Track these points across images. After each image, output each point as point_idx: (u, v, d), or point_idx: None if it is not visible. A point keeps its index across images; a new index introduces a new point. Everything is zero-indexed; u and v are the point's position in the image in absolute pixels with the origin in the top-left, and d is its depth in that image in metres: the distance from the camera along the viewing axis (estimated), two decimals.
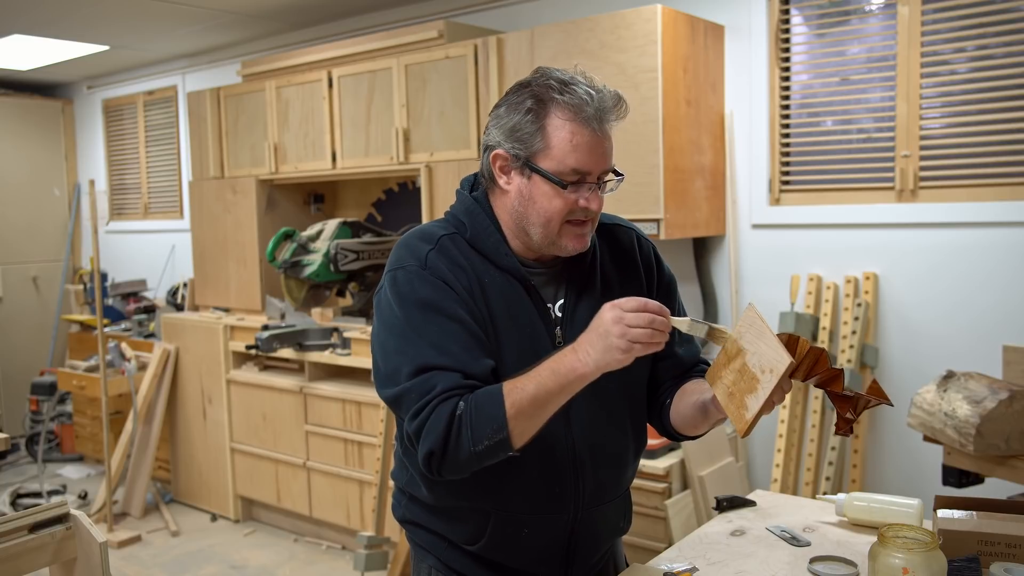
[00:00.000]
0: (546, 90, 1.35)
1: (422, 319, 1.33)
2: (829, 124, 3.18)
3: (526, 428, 1.26)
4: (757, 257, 3.26)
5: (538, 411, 1.26)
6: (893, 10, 2.95)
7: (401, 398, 1.31)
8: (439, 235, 1.41)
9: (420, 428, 1.28)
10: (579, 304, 1.44)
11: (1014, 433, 2.12)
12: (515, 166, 1.37)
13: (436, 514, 1.48)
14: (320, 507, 3.90)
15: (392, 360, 1.34)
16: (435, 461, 1.28)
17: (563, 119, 1.33)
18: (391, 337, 1.35)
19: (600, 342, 1.22)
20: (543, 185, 1.35)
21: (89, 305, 5.67)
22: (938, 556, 1.21)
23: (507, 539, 1.43)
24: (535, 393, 1.25)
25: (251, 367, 4.21)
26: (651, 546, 2.83)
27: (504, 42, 3.33)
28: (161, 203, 5.81)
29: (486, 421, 1.25)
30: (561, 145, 1.33)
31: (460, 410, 1.26)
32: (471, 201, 1.45)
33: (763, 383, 1.22)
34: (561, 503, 1.43)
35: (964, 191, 2.85)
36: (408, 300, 1.35)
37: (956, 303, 2.85)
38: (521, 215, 1.39)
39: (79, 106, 6.37)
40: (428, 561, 1.51)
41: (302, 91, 4.04)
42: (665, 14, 2.94)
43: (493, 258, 1.40)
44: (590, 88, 1.34)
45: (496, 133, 1.39)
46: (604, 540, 1.54)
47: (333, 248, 3.86)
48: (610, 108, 1.34)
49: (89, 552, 1.22)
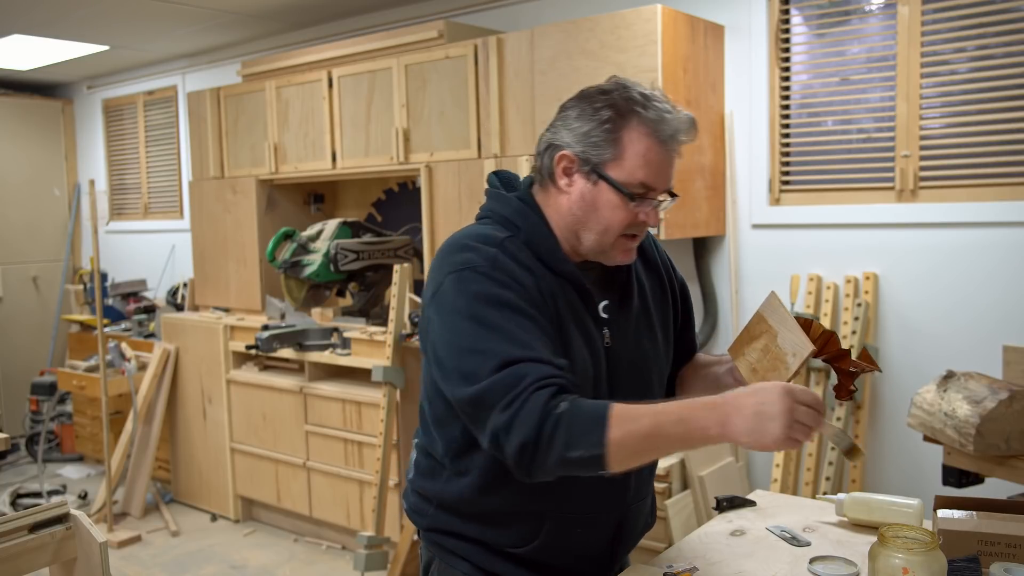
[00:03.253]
0: (628, 102, 1.34)
1: (499, 316, 1.28)
2: (829, 124, 3.18)
3: (627, 459, 1.23)
4: (757, 257, 3.26)
5: (647, 449, 1.23)
6: (893, 10, 2.95)
7: (484, 395, 1.24)
8: (500, 238, 1.38)
9: (511, 420, 1.21)
10: (622, 306, 1.46)
11: (1014, 433, 2.11)
12: (582, 170, 1.36)
13: (478, 520, 1.44)
14: (320, 507, 3.90)
15: (467, 360, 1.27)
16: (527, 456, 1.21)
17: (641, 133, 1.33)
18: (463, 337, 1.29)
19: (758, 419, 1.17)
20: (609, 194, 1.35)
21: (89, 305, 5.67)
22: (938, 556, 1.21)
23: (560, 540, 1.43)
24: (649, 431, 1.21)
25: (251, 367, 4.21)
26: (651, 546, 2.83)
27: (504, 42, 3.33)
28: (161, 203, 5.81)
29: (586, 431, 1.20)
30: (635, 158, 1.33)
31: (561, 409, 1.20)
32: (518, 202, 1.42)
33: (789, 364, 1.33)
34: (613, 501, 1.45)
35: (964, 191, 2.85)
36: (482, 298, 1.30)
37: (956, 303, 2.85)
38: (578, 219, 1.38)
39: (79, 106, 6.37)
40: (461, 568, 1.47)
41: (302, 91, 4.04)
42: (665, 14, 2.94)
43: (549, 262, 1.38)
44: (670, 107, 1.35)
45: (566, 134, 1.37)
46: (639, 535, 1.57)
47: (333, 248, 3.86)
48: (684, 130, 1.36)
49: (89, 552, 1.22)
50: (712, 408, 1.20)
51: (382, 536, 3.45)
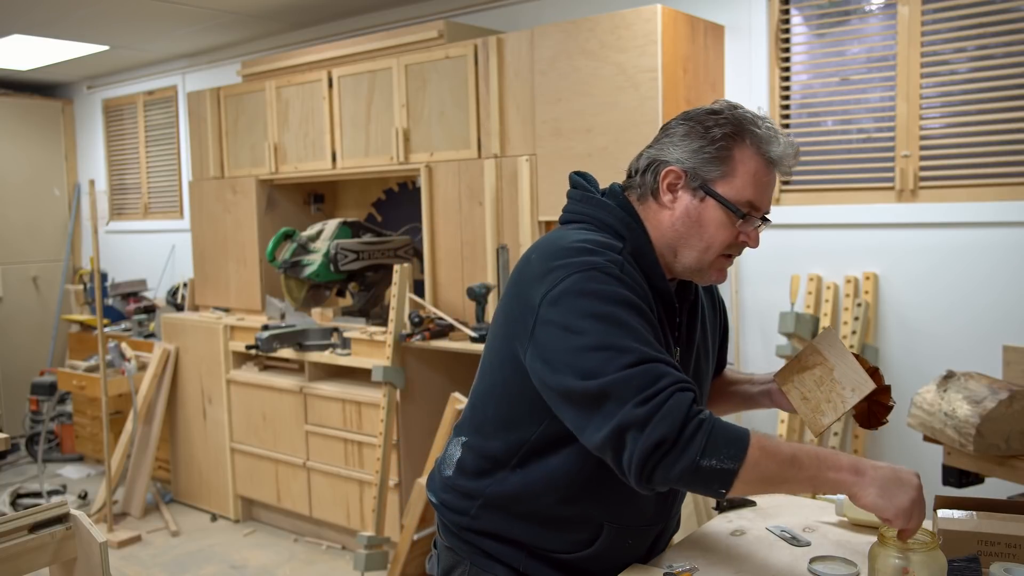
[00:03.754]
0: (742, 121, 1.35)
1: (630, 317, 1.26)
2: (829, 124, 3.18)
3: (754, 481, 1.21)
4: (757, 257, 3.26)
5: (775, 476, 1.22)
6: (893, 10, 2.95)
7: (614, 387, 1.20)
8: (618, 247, 1.35)
9: (652, 413, 1.18)
10: (690, 322, 1.48)
11: (1014, 433, 2.11)
12: (689, 186, 1.35)
13: (530, 519, 1.41)
14: (320, 507, 3.90)
15: (593, 356, 1.23)
16: (661, 452, 1.18)
17: (755, 153, 1.34)
18: (589, 335, 1.24)
19: (895, 483, 1.22)
20: (716, 211, 1.34)
21: (89, 305, 5.67)
22: (938, 556, 1.21)
23: (611, 549, 1.43)
24: (788, 458, 1.21)
25: (251, 367, 4.21)
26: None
27: (504, 42, 3.33)
28: (161, 203, 5.81)
29: (727, 442, 1.20)
30: (745, 175, 1.34)
31: (705, 415, 1.21)
32: (621, 211, 1.39)
33: (846, 399, 1.40)
34: (664, 512, 1.48)
35: (964, 191, 2.85)
36: (609, 297, 1.26)
37: (956, 303, 2.85)
38: (680, 236, 1.37)
39: (79, 106, 6.37)
40: (495, 571, 1.44)
41: (302, 91, 4.04)
42: (665, 14, 2.94)
43: (651, 277, 1.37)
44: (779, 132, 1.38)
45: (674, 151, 1.36)
46: (672, 536, 1.60)
47: (333, 248, 3.86)
48: (792, 155, 1.37)
49: (89, 552, 1.22)
50: (850, 458, 1.25)
51: (382, 536, 3.45)
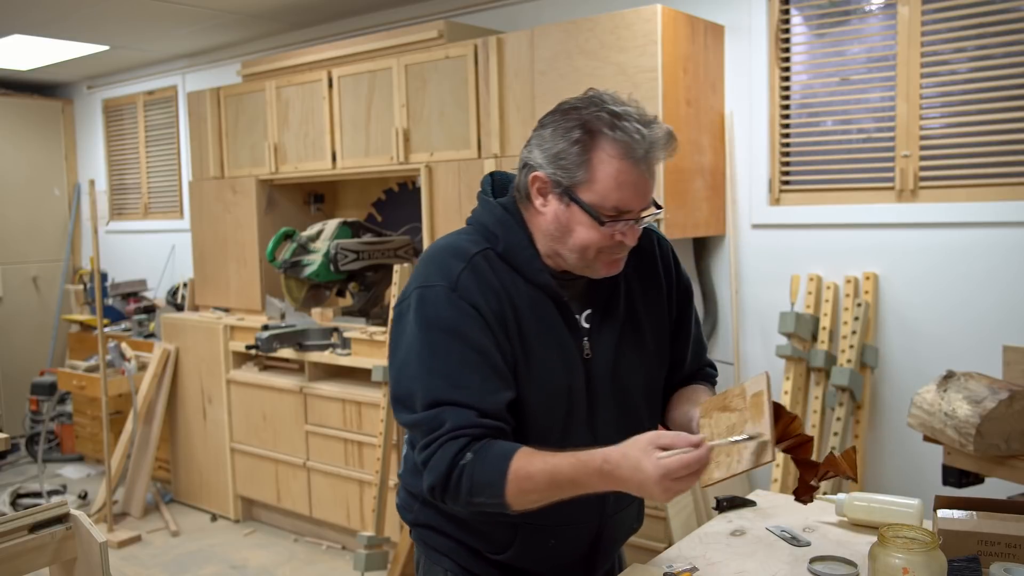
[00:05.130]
0: (597, 122, 1.29)
1: (444, 345, 1.30)
2: (829, 124, 3.18)
3: (527, 505, 1.27)
4: (757, 257, 3.26)
5: (542, 499, 1.26)
6: (893, 10, 2.95)
7: (413, 428, 1.33)
8: (471, 252, 1.36)
9: (426, 461, 1.29)
10: (606, 315, 1.43)
11: (1014, 433, 2.11)
12: (554, 192, 1.34)
13: (458, 523, 1.45)
14: (320, 507, 3.90)
15: (406, 385, 1.33)
16: (437, 495, 1.30)
17: (611, 156, 1.28)
18: (410, 359, 1.33)
19: (638, 488, 1.20)
20: (581, 216, 1.31)
21: (89, 305, 5.67)
22: (938, 556, 1.21)
23: (534, 549, 1.43)
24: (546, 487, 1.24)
25: (251, 367, 4.21)
26: (651, 546, 2.83)
27: (504, 42, 3.33)
28: (161, 203, 5.81)
29: (486, 484, 1.25)
30: (606, 181, 1.29)
31: (466, 460, 1.25)
32: (501, 211, 1.40)
33: (743, 459, 1.21)
34: (589, 512, 1.44)
35: (964, 191, 2.85)
36: (433, 323, 1.31)
37: (956, 303, 2.85)
38: (555, 238, 1.36)
39: (79, 106, 6.37)
40: (444, 564, 1.49)
41: (302, 91, 4.04)
42: (665, 14, 2.94)
43: (526, 273, 1.37)
44: (642, 126, 1.30)
45: (539, 155, 1.34)
46: (622, 540, 1.56)
47: (333, 248, 3.86)
48: (660, 147, 1.31)
49: (89, 552, 1.22)
50: (602, 477, 1.22)
51: (382, 536, 3.45)
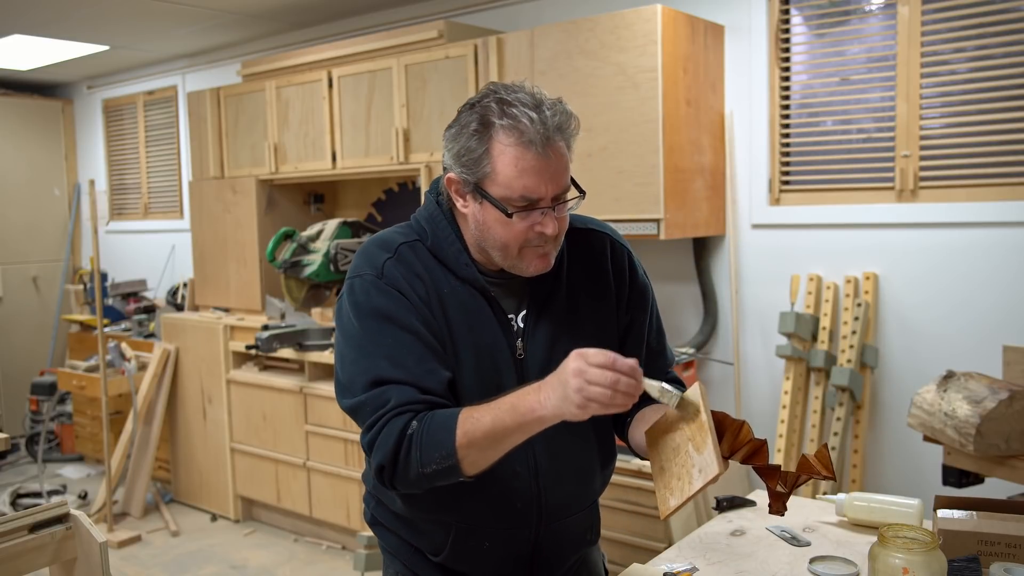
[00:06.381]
0: (488, 112, 1.27)
1: (377, 330, 1.31)
2: (829, 124, 3.18)
3: (479, 459, 1.23)
4: (757, 257, 3.26)
5: (493, 444, 1.22)
6: (893, 10, 2.95)
7: (357, 410, 1.31)
8: (398, 243, 1.37)
9: (372, 442, 1.28)
10: (542, 315, 1.39)
11: (1014, 433, 2.11)
12: (467, 190, 1.31)
13: (402, 521, 1.47)
14: (320, 507, 3.90)
15: (348, 370, 1.33)
16: (386, 475, 1.28)
17: (505, 143, 1.25)
18: (348, 347, 1.34)
19: (559, 390, 1.16)
20: (493, 211, 1.28)
21: (89, 305, 5.67)
22: (938, 556, 1.21)
23: (469, 551, 1.42)
24: (491, 427, 1.20)
25: (251, 367, 4.21)
26: (651, 546, 2.83)
27: (504, 42, 3.33)
28: (161, 203, 5.81)
29: (435, 446, 1.23)
30: (506, 171, 1.25)
31: (412, 429, 1.24)
32: (435, 207, 1.40)
33: (693, 479, 1.17)
34: (523, 518, 1.40)
35: (964, 191, 2.85)
36: (364, 310, 1.33)
37: (956, 303, 2.85)
38: (478, 237, 1.34)
39: (79, 106, 6.37)
40: (394, 566, 1.50)
41: (302, 91, 4.04)
42: (665, 14, 2.94)
43: (453, 268, 1.36)
44: (531, 110, 1.25)
45: (448, 156, 1.33)
46: (570, 552, 1.50)
47: (333, 248, 3.86)
48: (557, 128, 1.26)
49: (89, 552, 1.22)
50: (537, 390, 1.19)
51: None
